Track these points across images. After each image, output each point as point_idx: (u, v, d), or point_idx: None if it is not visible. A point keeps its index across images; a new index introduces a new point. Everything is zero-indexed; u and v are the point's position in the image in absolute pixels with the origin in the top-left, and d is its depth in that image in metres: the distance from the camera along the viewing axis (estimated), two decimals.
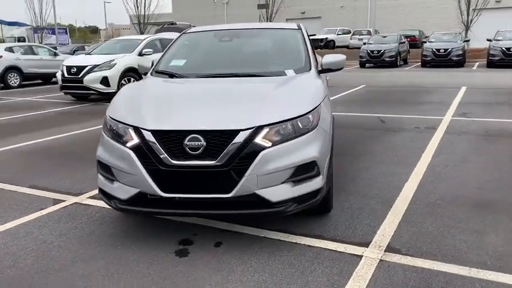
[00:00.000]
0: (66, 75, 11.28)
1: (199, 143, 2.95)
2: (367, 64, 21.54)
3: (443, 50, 19.80)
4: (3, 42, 37.39)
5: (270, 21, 34.90)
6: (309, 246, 3.18)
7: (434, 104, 9.59)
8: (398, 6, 36.31)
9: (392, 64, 20.62)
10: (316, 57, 4.52)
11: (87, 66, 11.15)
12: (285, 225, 3.50)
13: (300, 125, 3.12)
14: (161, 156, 2.98)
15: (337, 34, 32.74)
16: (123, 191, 3.15)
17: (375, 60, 21.06)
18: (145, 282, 2.76)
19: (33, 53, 16.43)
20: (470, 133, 6.61)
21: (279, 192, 3.01)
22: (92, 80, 10.98)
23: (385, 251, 3.07)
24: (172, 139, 3.00)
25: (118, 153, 3.15)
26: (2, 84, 15.28)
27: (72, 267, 2.96)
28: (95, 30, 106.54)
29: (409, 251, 3.06)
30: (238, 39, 4.75)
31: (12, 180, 4.86)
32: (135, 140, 3.07)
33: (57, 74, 12.00)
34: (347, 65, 23.59)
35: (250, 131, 2.95)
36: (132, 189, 3.11)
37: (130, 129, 3.13)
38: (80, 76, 11.04)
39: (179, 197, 3.04)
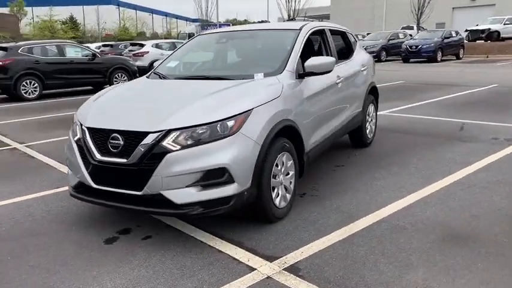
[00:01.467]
0: None
1: (118, 141, 3.20)
2: (410, 59, 23.54)
3: None
4: (177, 38, 41.84)
5: (421, 12, 32.44)
6: (219, 251, 3.17)
7: None
8: None
9: (431, 59, 22.52)
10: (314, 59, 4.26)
11: None
12: (221, 228, 3.52)
13: (216, 130, 3.11)
14: (92, 151, 3.32)
15: (504, 24, 28.61)
16: (72, 179, 3.60)
17: (412, 56, 22.98)
18: (60, 256, 3.14)
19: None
20: None
21: (183, 195, 3.08)
22: None
23: (283, 269, 2.90)
24: (100, 136, 3.32)
25: (69, 145, 3.60)
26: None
27: (22, 239, 3.52)
28: None
29: (309, 274, 2.83)
30: (233, 42, 4.79)
31: None
32: (78, 135, 3.47)
33: None
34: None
35: (158, 133, 3.08)
36: (76, 178, 3.53)
37: (77, 125, 3.55)
38: None
39: (104, 190, 3.34)
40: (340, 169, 5.00)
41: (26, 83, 12.52)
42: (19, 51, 12.64)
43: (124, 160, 3.16)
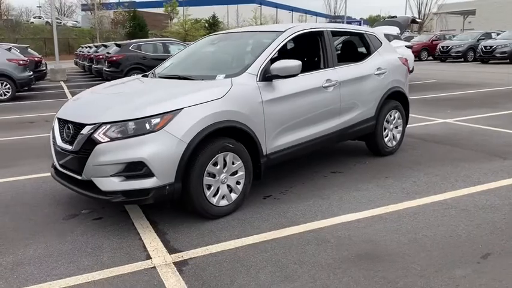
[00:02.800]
0: None
1: (69, 131, 3.67)
2: (489, 60, 22.70)
3: None
4: None
5: None
6: (139, 238, 3.43)
7: None
8: None
9: (464, 59, 24.57)
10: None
11: None
12: (164, 218, 3.78)
13: (143, 126, 3.36)
14: (56, 138, 3.85)
15: None
16: (52, 161, 4.19)
17: (487, 56, 22.33)
18: (19, 224, 3.73)
19: None
20: None
21: (108, 183, 3.40)
22: None
23: (173, 262, 3.05)
24: (61, 125, 3.82)
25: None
26: None
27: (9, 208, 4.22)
28: None
29: (189, 271, 2.93)
30: (222, 43, 4.89)
31: None
32: (54, 123, 4.03)
33: None
34: None
35: (92, 126, 3.45)
36: (51, 162, 4.11)
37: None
38: None
39: (64, 172, 3.83)
40: (332, 176, 4.83)
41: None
42: (130, 47, 14.28)
43: (70, 147, 3.61)
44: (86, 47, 24.27)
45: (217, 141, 3.63)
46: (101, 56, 16.79)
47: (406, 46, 11.77)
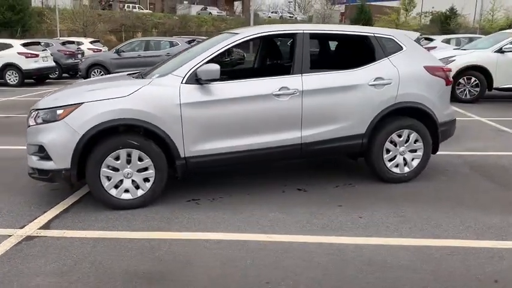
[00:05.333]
0: None
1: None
2: None
3: None
4: None
5: None
6: (43, 212, 3.98)
7: None
8: None
9: None
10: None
11: None
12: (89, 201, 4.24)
13: (54, 115, 3.87)
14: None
15: None
16: None
17: None
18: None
19: None
20: None
21: (31, 160, 4.04)
22: None
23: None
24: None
25: None
26: None
27: None
28: None
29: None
30: (205, 43, 4.77)
31: None
32: None
33: None
34: None
35: (32, 111, 4.12)
36: None
37: None
38: None
39: None
40: (292, 193, 4.38)
41: None
42: None
43: None
44: None
45: (118, 137, 3.86)
46: None
47: None
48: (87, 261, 3.06)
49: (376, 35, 4.57)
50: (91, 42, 21.47)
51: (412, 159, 4.64)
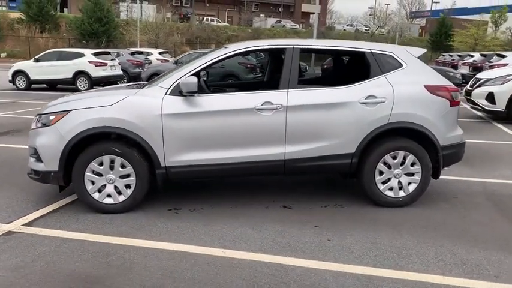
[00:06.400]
0: (468, 86, 10.78)
1: None
2: None
3: None
4: None
5: None
6: (37, 209, 4.26)
7: None
8: None
9: None
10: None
11: (482, 79, 10.18)
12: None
13: (45, 120, 4.17)
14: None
15: None
16: None
17: None
18: None
19: None
20: None
21: (30, 161, 4.37)
22: (478, 94, 10.02)
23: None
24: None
25: None
26: None
27: None
28: None
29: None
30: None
31: None
32: None
33: None
34: None
35: (37, 116, 4.46)
36: None
37: None
38: (472, 88, 10.32)
39: None
40: (276, 210, 4.30)
41: None
42: None
43: None
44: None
45: (102, 144, 4.06)
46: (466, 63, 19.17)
47: None
48: (43, 260, 3.24)
49: (373, 51, 4.38)
50: (160, 53, 22.60)
51: (409, 184, 4.36)
